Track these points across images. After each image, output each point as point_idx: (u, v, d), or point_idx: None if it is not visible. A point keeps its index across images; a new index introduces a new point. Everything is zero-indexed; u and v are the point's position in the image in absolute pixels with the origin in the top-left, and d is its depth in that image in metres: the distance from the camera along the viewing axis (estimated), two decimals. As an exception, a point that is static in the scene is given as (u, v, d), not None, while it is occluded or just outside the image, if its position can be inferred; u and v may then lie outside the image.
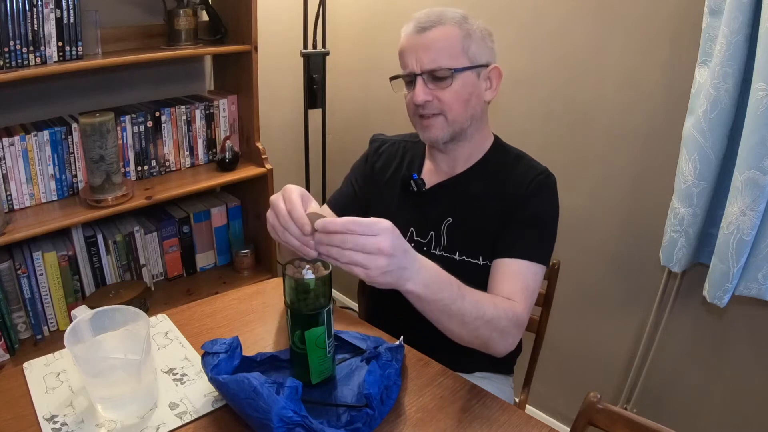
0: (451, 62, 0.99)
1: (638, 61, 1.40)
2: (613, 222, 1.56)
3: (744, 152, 1.13)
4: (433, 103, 1.02)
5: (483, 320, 0.88)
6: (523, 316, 0.95)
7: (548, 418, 1.86)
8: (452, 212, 1.10)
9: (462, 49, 1.00)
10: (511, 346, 0.94)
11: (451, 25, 1.00)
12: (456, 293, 0.84)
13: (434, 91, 1.01)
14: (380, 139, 1.25)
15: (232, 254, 2.03)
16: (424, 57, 1.00)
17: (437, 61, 0.99)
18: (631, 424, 0.82)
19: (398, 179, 1.16)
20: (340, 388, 0.89)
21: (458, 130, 1.05)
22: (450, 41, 0.99)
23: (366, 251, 0.72)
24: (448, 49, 0.99)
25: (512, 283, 0.98)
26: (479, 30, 1.03)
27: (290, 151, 2.30)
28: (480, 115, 1.07)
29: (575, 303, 1.69)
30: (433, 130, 1.05)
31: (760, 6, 1.08)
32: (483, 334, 0.90)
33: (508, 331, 0.92)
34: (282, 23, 2.09)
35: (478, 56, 1.02)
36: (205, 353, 0.86)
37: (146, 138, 1.73)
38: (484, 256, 1.06)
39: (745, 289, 1.23)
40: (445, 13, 1.01)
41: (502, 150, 1.13)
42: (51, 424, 0.81)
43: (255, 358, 0.92)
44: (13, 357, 1.53)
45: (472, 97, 1.03)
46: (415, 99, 1.02)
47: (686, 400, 1.53)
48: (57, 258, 1.60)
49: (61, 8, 1.41)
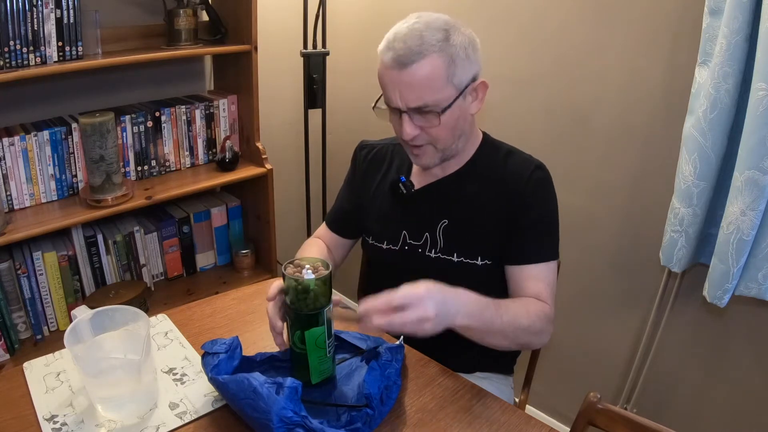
0: (437, 97, 0.94)
1: (638, 61, 1.40)
2: (613, 222, 1.56)
3: (744, 152, 1.13)
4: (422, 136, 0.99)
5: (521, 329, 0.95)
6: (552, 313, 1.02)
7: (548, 418, 1.86)
8: (447, 214, 1.09)
9: (447, 80, 0.94)
10: (545, 341, 1.03)
11: (432, 55, 0.91)
12: (494, 313, 0.91)
13: (422, 125, 0.98)
14: (367, 146, 1.23)
15: (232, 254, 2.03)
16: (408, 95, 0.94)
17: (423, 99, 0.94)
18: (631, 424, 0.82)
19: (387, 184, 1.16)
20: (340, 388, 0.89)
21: (448, 153, 1.05)
22: (434, 75, 0.92)
23: (413, 323, 0.79)
24: (433, 84, 0.93)
25: (536, 286, 1.03)
26: (462, 48, 0.94)
27: (290, 151, 2.30)
28: (468, 129, 1.05)
29: (575, 303, 1.69)
30: (424, 158, 1.04)
31: (760, 6, 1.08)
32: (522, 340, 0.99)
33: (544, 330, 0.99)
34: (282, 23, 2.09)
35: (463, 79, 0.96)
36: (205, 353, 0.86)
37: (146, 138, 1.73)
38: (483, 256, 1.06)
39: (745, 289, 1.23)
40: (425, 38, 0.91)
41: (491, 147, 1.11)
42: (51, 424, 0.81)
43: (255, 358, 0.92)
44: (13, 357, 1.53)
45: (459, 121, 1.00)
46: (403, 136, 0.99)
47: (686, 400, 1.53)
48: (57, 258, 1.60)
49: (61, 8, 1.41)
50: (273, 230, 1.95)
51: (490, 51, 1.67)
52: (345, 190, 1.25)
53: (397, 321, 0.79)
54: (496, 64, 1.68)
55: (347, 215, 1.23)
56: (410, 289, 0.81)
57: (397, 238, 1.12)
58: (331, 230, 1.24)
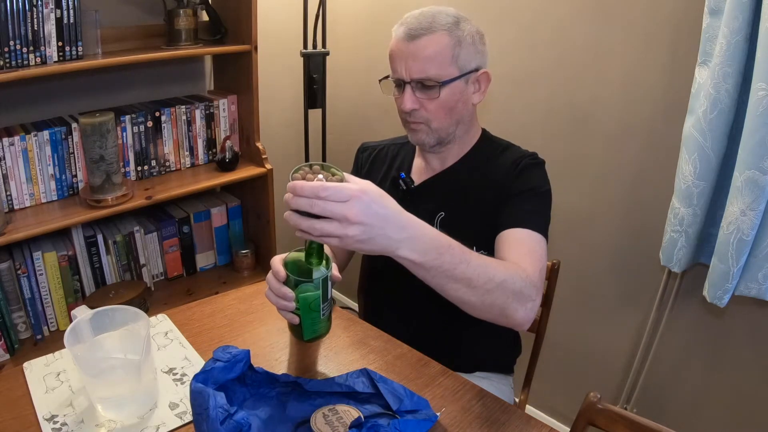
0: (440, 72, 0.99)
1: (638, 61, 1.40)
2: (613, 222, 1.56)
3: (744, 152, 1.13)
4: (420, 112, 1.04)
5: (494, 282, 0.82)
6: (535, 278, 0.89)
7: (548, 418, 1.86)
8: (444, 206, 1.11)
9: (451, 58, 0.99)
10: (531, 313, 0.87)
11: (441, 32, 0.98)
12: (459, 257, 0.79)
13: (422, 99, 1.02)
14: (368, 148, 1.26)
15: (232, 254, 2.03)
16: (413, 66, 0.99)
17: (426, 71, 0.99)
18: (631, 424, 0.82)
19: (388, 182, 1.17)
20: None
21: (444, 135, 1.07)
22: (440, 51, 0.98)
23: (336, 219, 0.68)
24: (438, 58, 0.98)
25: (517, 249, 0.95)
26: (470, 35, 1.01)
27: (290, 151, 2.30)
28: (468, 118, 1.09)
29: (575, 303, 1.69)
30: (419, 134, 1.07)
31: (760, 6, 1.08)
32: (498, 299, 0.83)
33: (525, 293, 0.86)
34: (282, 23, 2.09)
35: (467, 63, 1.02)
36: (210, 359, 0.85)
37: (146, 138, 1.73)
38: (478, 246, 1.05)
39: (745, 289, 1.23)
40: (437, 18, 0.99)
41: (489, 142, 1.15)
42: (51, 424, 0.81)
43: (278, 378, 0.86)
44: (13, 357, 1.53)
45: (459, 104, 1.04)
46: (402, 106, 1.04)
47: (686, 400, 1.53)
48: (57, 258, 1.60)
49: (61, 8, 1.41)
50: (273, 230, 1.95)
51: (491, 50, 1.67)
52: None
53: (317, 206, 0.68)
54: (497, 63, 1.67)
55: None
56: (349, 184, 0.70)
57: None
58: None
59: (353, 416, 0.81)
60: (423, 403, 0.84)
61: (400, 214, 0.75)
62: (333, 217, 0.68)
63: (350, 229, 0.69)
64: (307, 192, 0.68)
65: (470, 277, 0.80)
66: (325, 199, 0.68)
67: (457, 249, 0.80)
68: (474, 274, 0.80)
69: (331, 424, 0.80)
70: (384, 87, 1.10)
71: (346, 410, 0.83)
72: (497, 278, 0.82)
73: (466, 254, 0.81)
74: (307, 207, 0.68)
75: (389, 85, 1.07)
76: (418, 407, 0.83)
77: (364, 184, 0.72)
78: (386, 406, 0.83)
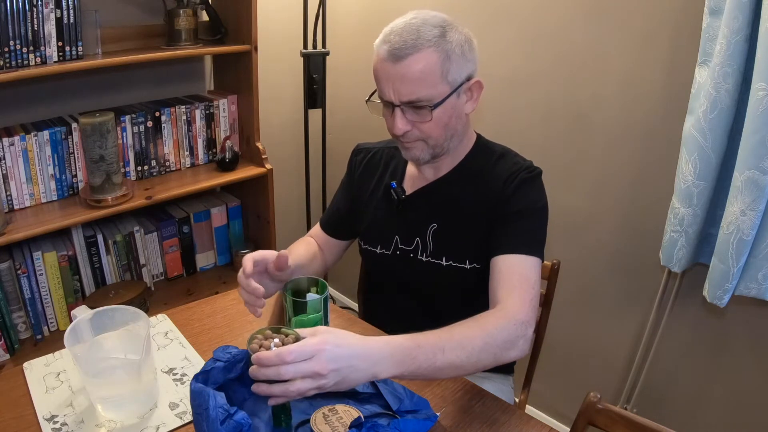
0: (430, 92, 0.93)
1: (638, 61, 1.40)
2: (613, 222, 1.56)
3: (744, 152, 1.13)
4: (413, 132, 0.98)
5: (476, 350, 0.82)
6: (520, 316, 0.88)
7: (548, 418, 1.86)
8: (436, 217, 1.08)
9: (441, 76, 0.93)
10: (523, 350, 0.88)
11: (428, 49, 0.91)
12: (432, 351, 0.79)
13: (413, 120, 0.97)
14: (362, 151, 1.23)
15: (232, 254, 2.03)
16: (401, 89, 0.93)
17: (416, 93, 0.93)
18: (631, 424, 0.82)
19: (381, 189, 1.15)
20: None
21: (438, 150, 1.02)
22: (428, 70, 0.92)
23: (308, 376, 0.71)
24: (428, 79, 0.92)
25: (508, 279, 0.94)
26: (458, 45, 0.94)
27: (290, 151, 2.30)
28: (461, 129, 1.04)
29: (575, 303, 1.69)
30: (413, 151, 1.02)
31: (760, 6, 1.08)
32: (486, 359, 0.84)
33: (510, 339, 0.86)
34: (282, 23, 2.09)
35: (458, 76, 0.95)
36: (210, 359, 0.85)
37: (146, 138, 1.73)
38: (470, 260, 1.05)
39: (745, 289, 1.23)
40: (422, 33, 0.91)
41: (484, 149, 1.10)
42: (51, 424, 0.81)
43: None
44: (13, 357, 1.53)
45: (452, 119, 0.99)
46: (394, 130, 0.98)
47: (686, 400, 1.53)
48: (57, 258, 1.60)
49: (61, 8, 1.41)
50: (273, 230, 1.95)
51: (490, 50, 1.68)
52: (341, 194, 1.25)
53: (286, 372, 0.69)
54: (496, 63, 1.68)
55: (342, 218, 1.22)
56: (304, 341, 0.72)
57: (390, 243, 1.12)
58: (325, 232, 1.24)
59: (353, 416, 0.82)
60: (423, 403, 0.85)
61: (363, 345, 0.76)
62: (304, 376, 0.70)
63: (323, 380, 0.71)
64: (274, 360, 0.70)
65: (451, 360, 0.80)
66: (292, 362, 0.70)
67: (427, 344, 0.79)
68: (453, 356, 0.80)
69: (331, 423, 0.81)
70: (371, 107, 1.03)
71: (346, 410, 0.84)
72: (477, 345, 0.82)
73: (439, 342, 0.80)
74: (276, 375, 0.70)
75: (377, 106, 1.01)
76: (418, 407, 0.84)
77: (321, 334, 0.74)
78: (386, 406, 0.84)
